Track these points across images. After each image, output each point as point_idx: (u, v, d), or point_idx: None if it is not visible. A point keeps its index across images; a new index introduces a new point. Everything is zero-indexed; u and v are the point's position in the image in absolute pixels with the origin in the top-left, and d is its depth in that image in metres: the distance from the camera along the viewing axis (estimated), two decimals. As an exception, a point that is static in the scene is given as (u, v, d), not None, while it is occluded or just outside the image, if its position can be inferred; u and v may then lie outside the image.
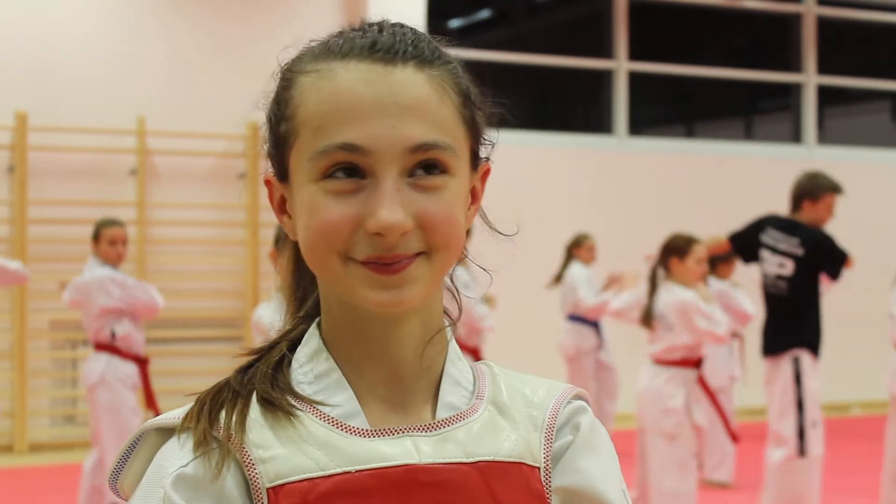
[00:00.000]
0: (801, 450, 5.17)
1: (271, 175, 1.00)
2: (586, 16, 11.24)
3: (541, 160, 9.74)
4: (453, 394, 1.00)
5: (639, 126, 10.67)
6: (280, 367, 0.99)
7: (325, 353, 0.98)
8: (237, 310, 8.77)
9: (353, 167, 0.93)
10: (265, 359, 1.00)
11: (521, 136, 9.73)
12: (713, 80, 11.09)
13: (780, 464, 5.21)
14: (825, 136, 11.45)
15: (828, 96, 11.36)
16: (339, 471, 0.92)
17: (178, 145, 8.63)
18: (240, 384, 0.98)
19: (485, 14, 11.39)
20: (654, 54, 10.74)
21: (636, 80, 10.46)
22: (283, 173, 0.98)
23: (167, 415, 0.98)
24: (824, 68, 11.16)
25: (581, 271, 8.06)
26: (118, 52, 8.55)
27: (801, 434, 5.18)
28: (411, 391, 0.99)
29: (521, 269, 8.74)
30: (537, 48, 10.50)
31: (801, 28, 11.13)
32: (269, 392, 0.96)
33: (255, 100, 1.04)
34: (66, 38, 8.42)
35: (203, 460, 0.92)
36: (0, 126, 8.22)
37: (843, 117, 12.19)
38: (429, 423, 0.97)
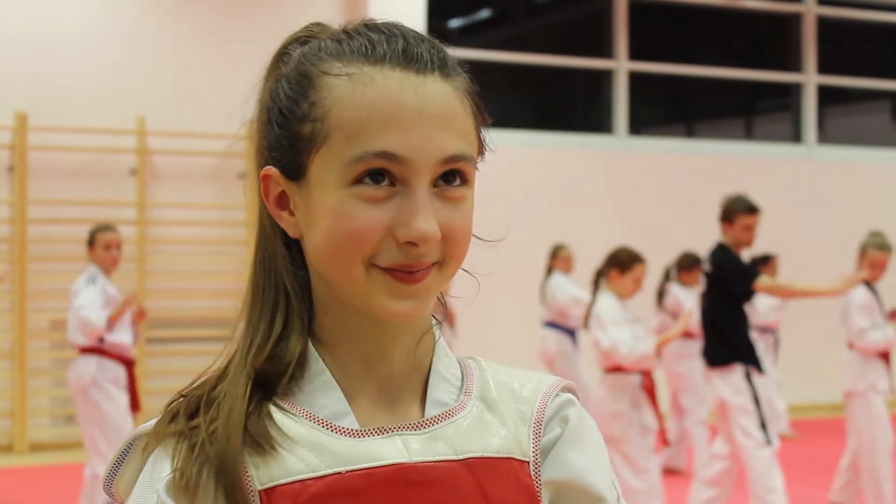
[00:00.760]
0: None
1: (275, 171, 0.99)
2: (586, 16, 11.24)
3: (541, 160, 9.74)
4: (441, 390, 1.00)
5: (639, 126, 10.68)
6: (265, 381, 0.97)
7: (314, 355, 0.98)
8: (237, 310, 8.75)
9: (381, 174, 0.93)
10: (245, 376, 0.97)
11: (521, 136, 9.73)
12: (713, 80, 11.09)
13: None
14: (825, 136, 11.45)
15: (828, 96, 11.37)
16: (330, 472, 0.92)
17: (179, 145, 8.63)
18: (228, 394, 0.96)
19: (485, 14, 11.39)
20: (655, 54, 10.74)
21: (636, 79, 10.46)
22: (295, 172, 0.97)
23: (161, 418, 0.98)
24: (824, 68, 11.17)
25: (561, 280, 8.13)
26: (118, 53, 8.55)
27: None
28: (401, 389, 0.99)
29: (522, 268, 8.75)
30: (537, 48, 10.50)
31: (801, 28, 11.13)
32: (253, 424, 0.94)
33: (247, 100, 1.03)
34: (67, 38, 8.43)
35: (195, 464, 0.92)
36: (0, 126, 8.22)
37: (844, 117, 12.19)
38: (418, 422, 0.97)
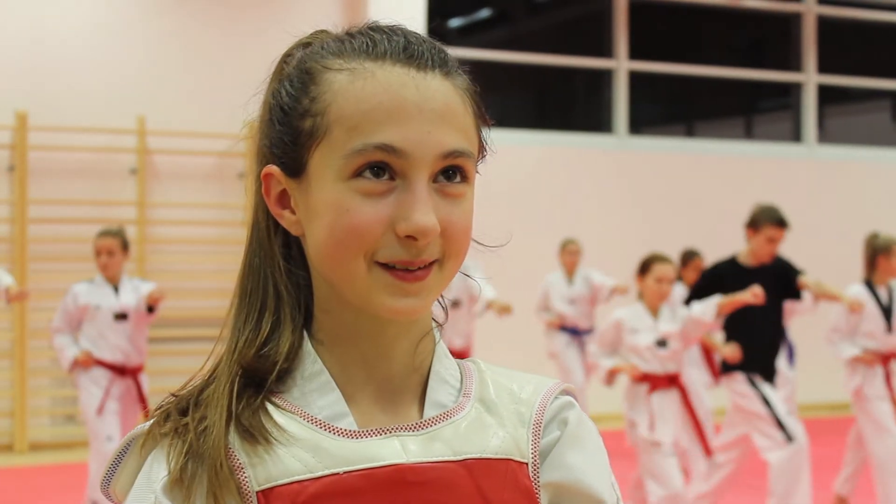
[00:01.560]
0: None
1: (276, 169, 0.99)
2: (586, 15, 11.24)
3: (541, 159, 9.74)
4: (441, 392, 1.00)
5: (639, 125, 10.67)
6: (256, 379, 0.97)
7: (312, 356, 0.98)
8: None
9: (381, 168, 0.93)
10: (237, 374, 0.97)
11: (521, 136, 9.73)
12: (713, 80, 11.09)
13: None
14: (825, 136, 11.45)
15: (828, 95, 11.36)
16: (328, 472, 0.92)
17: (178, 145, 8.63)
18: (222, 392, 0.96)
19: (485, 13, 11.39)
20: (655, 53, 10.74)
21: (636, 79, 10.46)
22: (296, 169, 0.97)
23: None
24: (824, 67, 11.16)
25: (553, 278, 8.16)
26: (118, 52, 8.55)
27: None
28: (400, 390, 0.99)
29: (522, 268, 8.75)
30: (537, 47, 10.50)
31: (802, 27, 11.13)
32: (247, 418, 0.94)
33: (250, 99, 1.04)
34: (67, 37, 8.42)
35: (189, 462, 0.93)
36: (0, 126, 8.22)
37: (844, 116, 12.19)
38: (416, 423, 0.97)
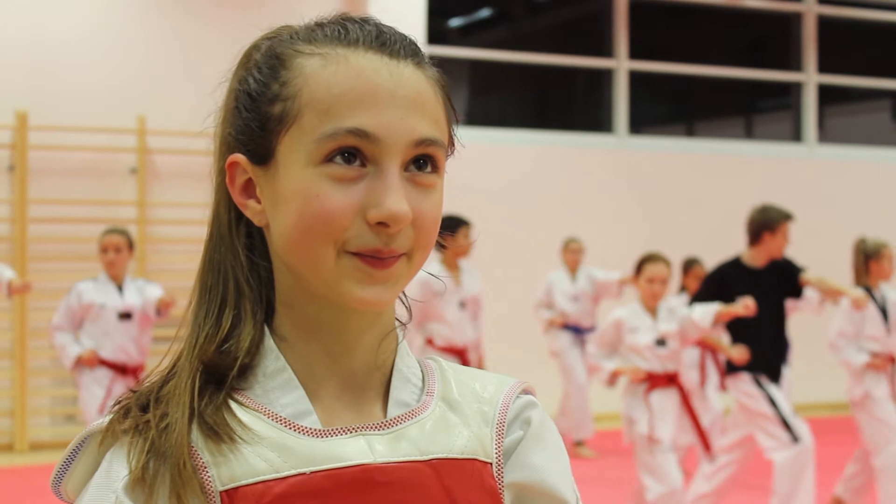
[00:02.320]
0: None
1: (241, 157, 0.97)
2: (586, 15, 11.24)
3: (541, 159, 9.74)
4: (403, 391, 0.99)
5: (639, 125, 10.67)
6: (216, 375, 0.95)
7: (275, 352, 0.96)
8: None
9: (353, 154, 0.91)
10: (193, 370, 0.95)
11: (521, 135, 9.73)
12: (713, 79, 11.09)
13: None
14: (825, 135, 11.45)
15: (828, 95, 11.36)
16: (294, 472, 0.91)
17: (178, 145, 8.63)
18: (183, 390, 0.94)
19: (485, 13, 11.38)
20: (655, 53, 10.74)
21: (636, 78, 10.46)
22: (263, 156, 0.95)
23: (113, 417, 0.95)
24: (825, 67, 11.16)
25: (556, 276, 8.18)
26: (118, 52, 8.55)
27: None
28: (363, 387, 0.98)
29: (521, 267, 8.76)
30: (537, 47, 10.50)
31: (802, 27, 11.13)
32: (210, 416, 0.93)
33: (209, 91, 1.03)
34: (67, 37, 8.42)
35: (150, 459, 0.90)
36: (0, 125, 8.22)
37: (844, 116, 12.19)
38: (382, 422, 0.96)
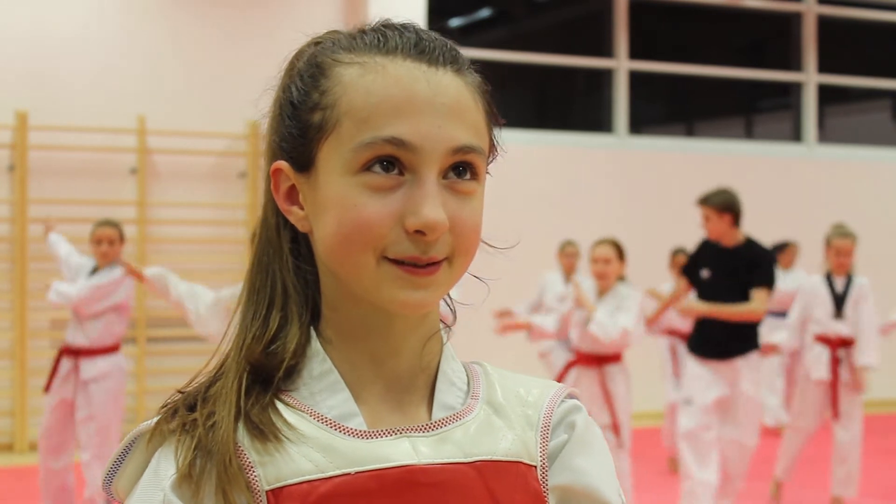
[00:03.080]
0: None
1: (285, 165, 0.98)
2: (586, 14, 11.24)
3: (541, 159, 9.74)
4: (449, 393, 1.00)
5: (639, 125, 10.67)
6: (263, 376, 0.97)
7: (321, 355, 0.97)
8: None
9: (391, 162, 0.92)
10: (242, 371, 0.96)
11: (521, 135, 9.73)
12: (713, 79, 11.09)
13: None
14: (825, 135, 11.45)
15: (828, 95, 11.36)
16: (339, 473, 0.92)
17: (179, 144, 8.63)
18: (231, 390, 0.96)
19: (485, 13, 11.39)
20: (655, 53, 10.74)
21: (636, 78, 10.46)
22: (304, 163, 0.96)
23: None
24: (824, 67, 11.16)
25: (551, 277, 8.22)
26: (118, 51, 8.55)
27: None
28: (408, 391, 0.99)
29: (521, 267, 8.75)
30: (537, 47, 10.50)
31: (802, 27, 11.13)
32: (257, 415, 0.94)
33: (255, 99, 1.04)
34: (67, 37, 8.43)
35: (197, 458, 0.92)
36: (0, 125, 8.22)
37: (844, 116, 12.19)
38: (426, 424, 0.97)
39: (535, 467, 0.99)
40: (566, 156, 9.94)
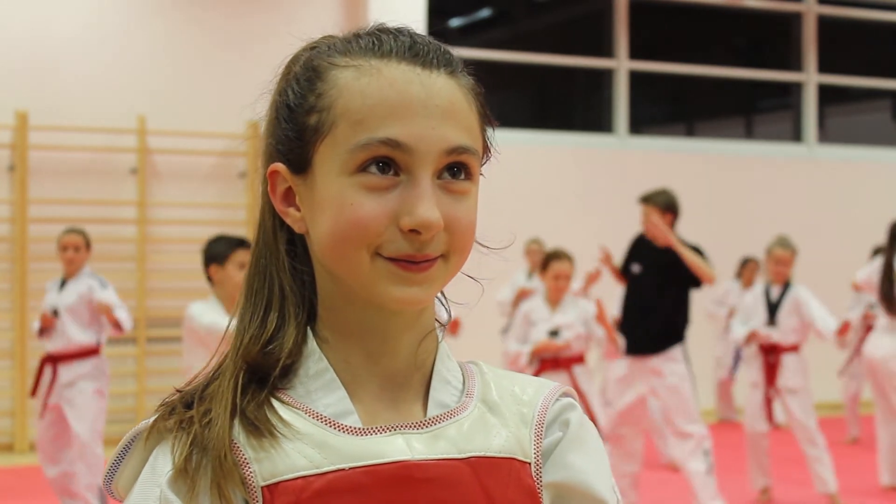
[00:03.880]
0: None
1: (281, 167, 0.99)
2: (586, 15, 11.24)
3: (541, 159, 9.75)
4: (444, 392, 1.01)
5: (639, 125, 10.68)
6: (259, 373, 0.98)
7: (317, 354, 0.99)
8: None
9: (387, 163, 0.94)
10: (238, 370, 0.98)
11: (521, 135, 9.73)
12: (713, 79, 11.09)
13: None
14: (825, 135, 11.45)
15: (828, 95, 11.37)
16: (333, 468, 0.93)
17: (179, 144, 8.63)
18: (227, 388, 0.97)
19: (485, 13, 11.39)
20: (655, 53, 10.74)
21: (636, 78, 10.46)
22: (301, 165, 0.98)
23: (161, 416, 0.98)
24: (825, 67, 11.17)
25: (519, 279, 8.28)
26: (118, 51, 8.55)
27: None
28: (403, 388, 1.00)
29: (520, 267, 8.75)
30: (537, 47, 10.50)
31: (802, 27, 11.13)
32: (252, 412, 0.95)
33: (255, 98, 1.04)
34: (67, 37, 8.43)
35: (193, 454, 0.93)
36: (0, 125, 8.23)
37: (844, 116, 12.19)
38: (420, 420, 0.98)
39: (529, 464, 1.00)
40: (566, 156, 9.94)
